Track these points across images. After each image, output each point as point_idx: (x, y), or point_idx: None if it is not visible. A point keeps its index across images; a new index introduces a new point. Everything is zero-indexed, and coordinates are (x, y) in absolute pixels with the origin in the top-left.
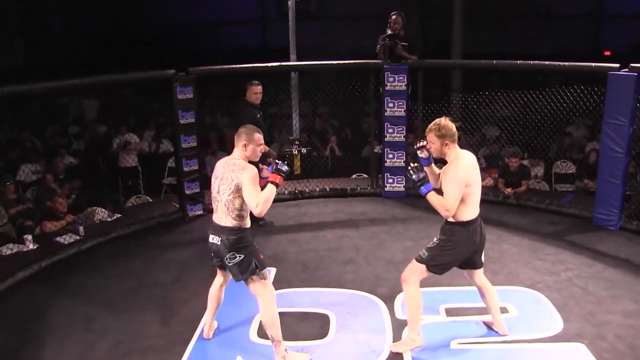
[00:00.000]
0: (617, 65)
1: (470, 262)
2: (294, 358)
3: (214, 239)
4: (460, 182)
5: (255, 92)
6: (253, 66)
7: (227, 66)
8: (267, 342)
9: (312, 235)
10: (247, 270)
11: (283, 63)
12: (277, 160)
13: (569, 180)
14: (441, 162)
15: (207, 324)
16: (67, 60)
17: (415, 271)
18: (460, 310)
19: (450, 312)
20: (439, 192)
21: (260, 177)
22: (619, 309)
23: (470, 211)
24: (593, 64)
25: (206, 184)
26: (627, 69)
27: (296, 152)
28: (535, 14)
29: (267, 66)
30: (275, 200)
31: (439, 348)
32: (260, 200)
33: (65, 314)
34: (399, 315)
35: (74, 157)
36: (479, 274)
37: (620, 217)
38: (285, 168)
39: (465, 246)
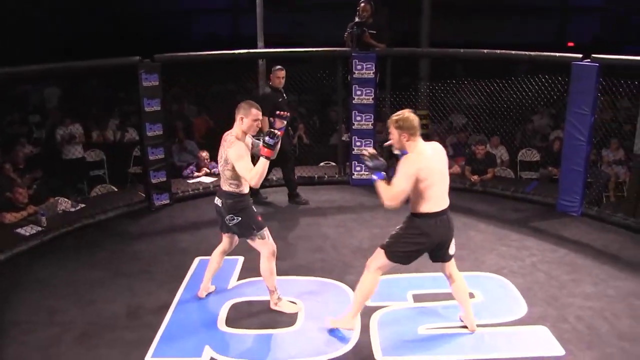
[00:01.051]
0: (580, 55)
1: (438, 255)
2: (285, 305)
3: (217, 200)
4: (407, 175)
5: (278, 77)
6: (219, 53)
7: (193, 53)
8: (236, 331)
9: (280, 224)
10: (246, 231)
11: (250, 50)
12: (266, 135)
13: (533, 168)
14: None
15: (203, 284)
16: (32, 47)
17: (376, 258)
18: (428, 296)
19: (417, 298)
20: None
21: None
22: (580, 292)
23: (430, 205)
24: (557, 54)
25: (173, 172)
26: (589, 59)
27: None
28: (502, 6)
29: (234, 53)
30: None
31: (407, 334)
32: (252, 175)
33: (28, 308)
34: (367, 302)
35: (35, 146)
36: (449, 266)
37: (582, 203)
38: (271, 141)
39: (425, 239)
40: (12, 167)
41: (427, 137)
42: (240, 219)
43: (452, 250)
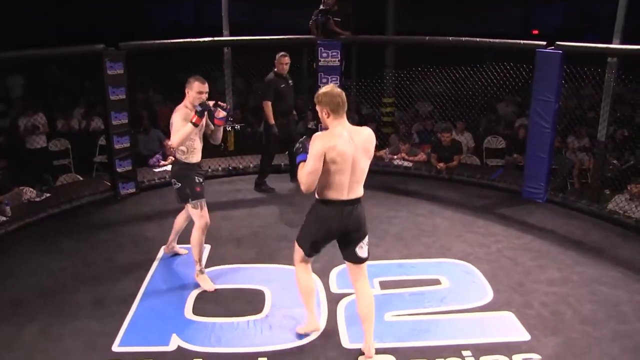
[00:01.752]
0: (544, 43)
1: (346, 253)
2: (203, 280)
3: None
4: (314, 155)
5: (282, 63)
6: (185, 41)
7: (159, 41)
8: (203, 319)
9: (247, 211)
10: (182, 197)
11: (215, 38)
12: (199, 104)
13: (499, 155)
14: None
15: (168, 242)
16: None
17: (295, 251)
18: (394, 283)
19: (384, 285)
20: None
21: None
22: (545, 278)
23: (334, 192)
24: (522, 42)
25: (139, 161)
26: (553, 47)
27: (230, 128)
28: None
29: (200, 41)
30: (209, 177)
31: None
32: (175, 136)
33: None
34: (334, 289)
35: None
36: (358, 273)
37: (547, 190)
38: (199, 108)
39: (323, 226)
40: None
41: (393, 125)
42: (180, 184)
43: (361, 251)
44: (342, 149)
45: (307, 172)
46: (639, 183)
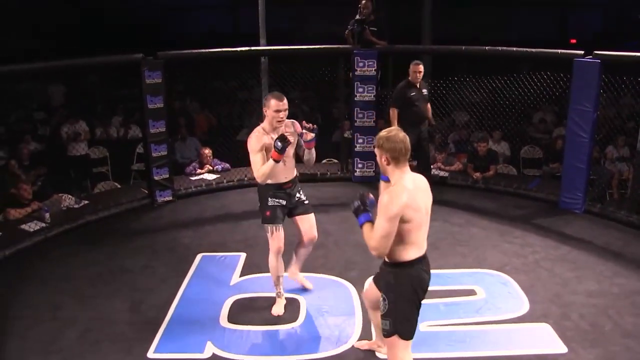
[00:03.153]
0: (582, 52)
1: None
2: (276, 304)
3: None
4: (390, 216)
5: (414, 71)
6: (222, 51)
7: (196, 51)
8: (237, 327)
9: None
10: (261, 220)
11: (252, 48)
12: (277, 139)
13: (536, 164)
14: None
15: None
16: (30, 46)
17: (392, 348)
18: (429, 293)
19: None
20: None
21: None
22: (583, 290)
23: (415, 250)
24: (559, 51)
25: (175, 169)
26: (591, 56)
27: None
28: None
29: (236, 51)
30: (245, 186)
31: None
32: (258, 173)
33: (30, 304)
34: None
35: (40, 143)
36: None
37: (585, 200)
38: (279, 145)
39: (420, 289)
40: (17, 164)
41: (430, 135)
42: (259, 205)
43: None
44: (417, 203)
45: (381, 236)
46: None
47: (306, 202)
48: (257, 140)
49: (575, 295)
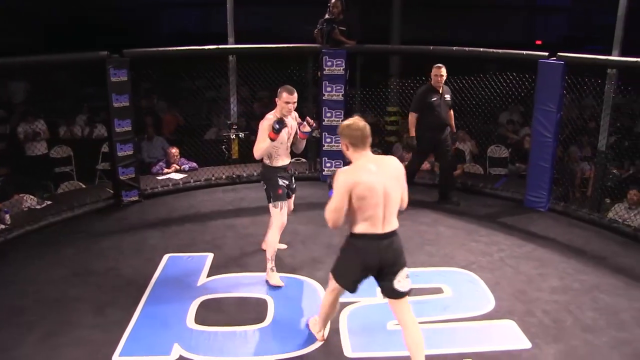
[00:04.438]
0: (547, 53)
1: (384, 288)
2: (272, 277)
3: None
4: (338, 191)
5: (435, 75)
6: (189, 49)
7: (163, 49)
8: (205, 328)
9: (250, 220)
10: (267, 197)
11: (220, 46)
12: (276, 121)
13: (502, 164)
14: None
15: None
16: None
17: (331, 281)
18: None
19: None
20: None
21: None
22: (546, 286)
23: (367, 226)
24: (525, 52)
25: (142, 169)
26: (555, 58)
27: (234, 136)
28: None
29: (204, 49)
30: (213, 185)
31: (376, 330)
32: (255, 149)
33: None
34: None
35: None
36: (401, 309)
37: (549, 199)
38: (276, 125)
39: (362, 262)
40: None
41: (397, 134)
42: (266, 186)
43: (400, 285)
44: (369, 182)
45: (331, 210)
46: (637, 190)
47: (294, 185)
48: (268, 123)
49: (539, 292)
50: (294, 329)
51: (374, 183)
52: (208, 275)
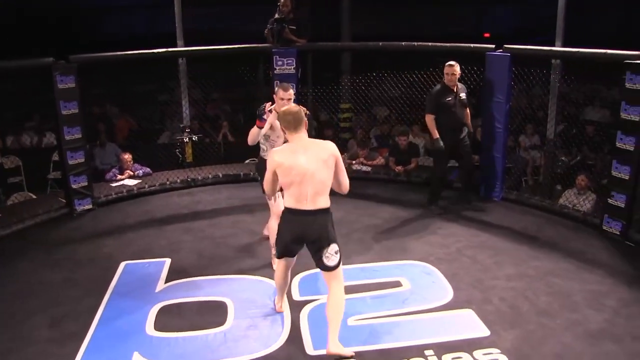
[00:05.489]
0: (493, 46)
1: (315, 260)
2: (274, 263)
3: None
4: (268, 167)
5: (448, 73)
6: (138, 53)
7: (111, 53)
8: (166, 335)
9: (207, 222)
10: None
11: (169, 49)
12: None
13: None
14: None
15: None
16: None
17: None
18: (356, 287)
19: (346, 290)
20: None
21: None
22: (502, 274)
23: (294, 201)
24: (472, 45)
25: (96, 176)
26: (501, 50)
27: (187, 139)
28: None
29: (153, 52)
30: (168, 190)
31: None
32: (250, 133)
33: None
34: (296, 297)
35: None
36: (329, 279)
37: (502, 188)
38: (257, 112)
39: (287, 232)
40: None
41: (350, 130)
42: (260, 178)
43: (328, 260)
44: (292, 163)
45: (264, 182)
46: (584, 176)
47: None
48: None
49: (496, 280)
50: (255, 330)
51: (297, 164)
52: (166, 281)
